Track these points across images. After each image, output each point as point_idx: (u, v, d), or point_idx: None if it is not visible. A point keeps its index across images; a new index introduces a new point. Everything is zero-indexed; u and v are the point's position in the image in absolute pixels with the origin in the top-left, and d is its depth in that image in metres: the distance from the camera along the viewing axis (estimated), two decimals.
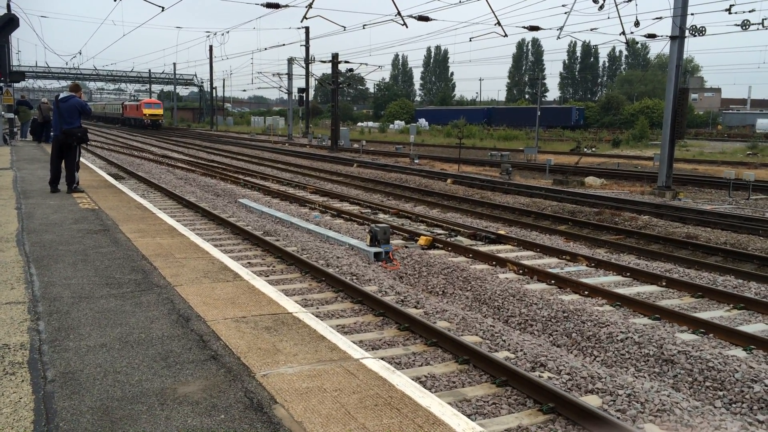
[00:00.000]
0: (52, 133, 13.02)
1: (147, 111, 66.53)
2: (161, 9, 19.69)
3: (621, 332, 6.79)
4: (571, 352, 6.74)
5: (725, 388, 5.69)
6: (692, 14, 18.83)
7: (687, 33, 18.58)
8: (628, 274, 9.55)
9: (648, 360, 6.30)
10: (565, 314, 7.42)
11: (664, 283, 9.04)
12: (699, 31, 18.63)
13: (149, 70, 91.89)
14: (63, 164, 11.71)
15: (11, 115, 28.21)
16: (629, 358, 6.42)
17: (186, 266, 6.44)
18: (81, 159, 12.56)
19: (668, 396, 5.37)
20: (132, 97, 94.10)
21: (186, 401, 3.44)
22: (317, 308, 7.53)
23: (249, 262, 9.49)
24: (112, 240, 7.57)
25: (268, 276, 8.82)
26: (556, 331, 7.22)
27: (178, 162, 27.10)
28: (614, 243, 11.90)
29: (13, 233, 7.76)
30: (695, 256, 11.03)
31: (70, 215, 9.22)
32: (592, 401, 5.27)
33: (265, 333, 4.55)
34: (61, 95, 11.60)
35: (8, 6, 25.71)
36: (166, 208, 14.19)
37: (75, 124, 11.38)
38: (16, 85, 29.52)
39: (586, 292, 8.49)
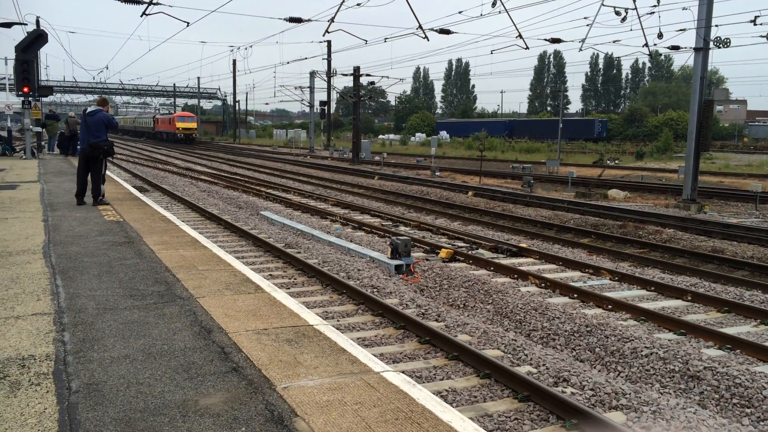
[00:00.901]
0: (78, 146, 13.25)
1: (180, 125, 64.07)
2: (186, 24, 20.00)
3: (645, 347, 6.69)
4: (595, 367, 6.65)
5: (753, 406, 5.57)
6: (716, 26, 18.66)
7: (711, 45, 18.40)
8: (653, 288, 9.42)
9: (673, 376, 6.20)
10: (589, 328, 7.34)
11: (689, 298, 8.90)
12: (723, 43, 18.45)
13: (174, 84, 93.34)
14: (89, 177, 11.89)
15: (39, 129, 28.78)
16: (654, 373, 6.32)
17: (208, 278, 6.49)
18: (107, 172, 12.76)
19: (694, 413, 5.27)
20: (160, 110, 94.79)
21: (207, 413, 3.46)
22: (338, 321, 7.53)
23: (270, 274, 9.54)
24: (136, 252, 7.66)
25: (289, 288, 8.85)
26: (579, 345, 7.14)
27: (201, 175, 27.39)
28: (638, 256, 11.75)
29: (39, 245, 7.89)
30: (721, 271, 10.86)
31: (95, 227, 9.36)
32: (616, 418, 5.19)
33: (286, 345, 4.56)
34: (89, 109, 11.81)
35: (37, 22, 26.32)
36: (189, 220, 14.33)
37: (101, 138, 11.57)
38: (44, 99, 30.16)
39: (610, 306, 8.39)
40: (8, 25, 24.54)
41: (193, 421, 3.38)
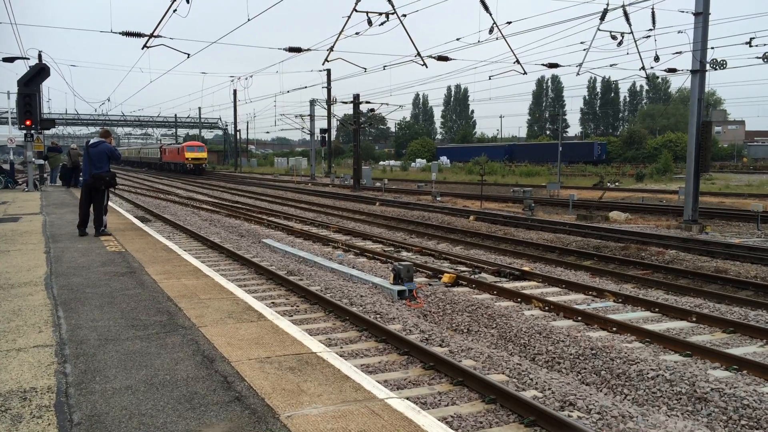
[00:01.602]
0: (81, 178, 13.31)
1: (190, 155, 61.12)
2: (187, 56, 20.23)
3: (652, 369, 6.64)
4: (601, 391, 6.59)
5: (761, 427, 5.50)
6: (712, 48, 18.82)
7: (708, 67, 18.56)
8: (657, 309, 9.38)
9: (680, 398, 6.14)
10: (594, 351, 7.29)
11: (694, 319, 8.85)
12: (720, 65, 18.61)
13: (175, 115, 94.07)
14: (91, 208, 11.93)
15: (42, 162, 28.94)
16: (661, 396, 6.26)
17: (210, 307, 6.47)
18: (109, 202, 12.80)
19: None
20: (163, 140, 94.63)
21: None
22: (341, 348, 7.49)
23: (273, 302, 9.51)
24: (138, 282, 7.65)
25: (292, 316, 8.82)
26: (585, 368, 7.09)
27: (202, 204, 27.46)
28: (641, 278, 11.71)
29: (41, 277, 7.89)
30: (725, 291, 10.81)
31: (97, 258, 9.36)
32: None
33: (290, 373, 4.53)
34: (91, 141, 11.90)
35: (39, 56, 26.65)
36: (191, 249, 14.33)
37: (104, 169, 11.63)
38: (46, 132, 30.38)
39: (615, 329, 8.34)
40: (11, 59, 24.85)
41: None
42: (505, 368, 6.85)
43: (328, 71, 50.74)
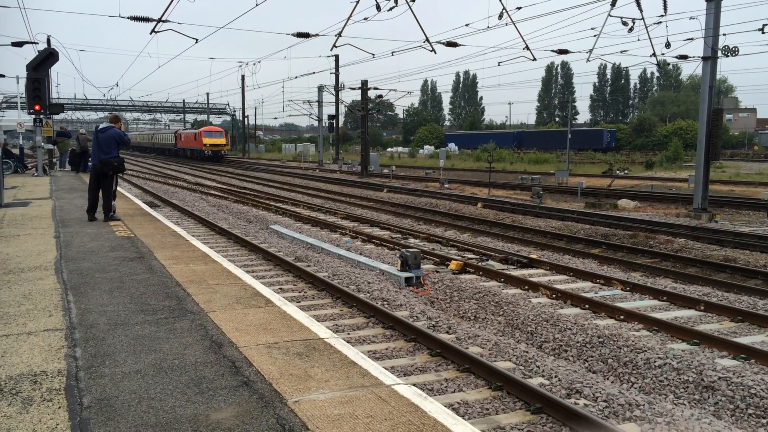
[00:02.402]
0: (90, 163, 13.35)
1: (207, 140, 57.92)
2: (195, 41, 20.17)
3: (659, 358, 6.63)
4: (608, 379, 6.59)
5: None
6: (724, 34, 18.62)
7: (719, 54, 18.36)
8: (665, 298, 9.35)
9: (687, 387, 6.14)
10: (601, 339, 7.28)
11: (702, 308, 8.83)
12: (732, 52, 18.40)
13: (183, 100, 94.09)
14: (100, 193, 11.97)
15: (51, 146, 29.04)
16: (668, 384, 6.26)
17: (219, 292, 6.50)
18: (118, 188, 12.85)
19: (709, 424, 5.21)
20: (169, 126, 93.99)
21: (218, 428, 3.46)
22: (348, 334, 7.51)
23: (281, 288, 9.55)
24: (147, 267, 7.69)
25: (299, 302, 8.85)
26: (592, 356, 7.09)
27: (211, 189, 27.52)
28: (650, 266, 11.68)
29: (51, 261, 7.94)
30: (734, 280, 10.76)
31: (106, 243, 9.41)
32: (630, 429, 5.13)
33: (297, 359, 4.56)
34: (101, 126, 11.92)
35: (48, 41, 26.64)
36: (199, 235, 14.39)
37: (112, 154, 11.65)
38: (55, 116, 30.44)
39: (622, 317, 8.33)
40: (20, 44, 24.85)
41: None
42: (511, 356, 6.86)
43: (336, 57, 50.54)
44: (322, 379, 4.18)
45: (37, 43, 25.61)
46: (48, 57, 22.52)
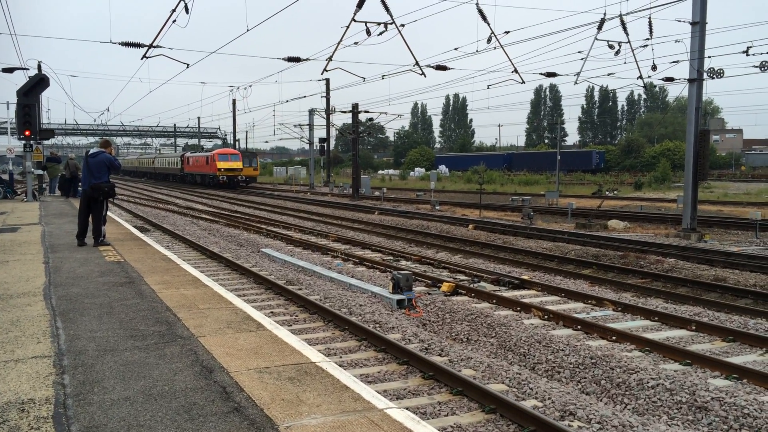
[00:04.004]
0: (80, 188, 13.31)
1: (223, 165, 50.44)
2: (186, 66, 20.29)
3: (652, 378, 6.62)
4: (601, 400, 6.57)
5: None
6: (709, 57, 18.90)
7: (705, 75, 18.62)
8: (657, 318, 9.37)
9: (681, 407, 6.12)
10: (593, 361, 7.27)
11: (693, 327, 8.84)
12: (717, 74, 18.67)
13: (174, 125, 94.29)
14: (90, 218, 11.92)
15: (41, 172, 28.95)
16: (661, 405, 6.24)
17: (209, 317, 6.46)
18: (108, 213, 12.79)
19: None
20: (160, 150, 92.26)
21: None
22: (340, 357, 7.47)
23: (272, 312, 9.49)
24: (137, 292, 7.64)
25: (291, 325, 8.80)
26: (585, 378, 7.07)
27: (201, 213, 27.45)
28: (641, 287, 11.71)
29: (40, 287, 7.87)
30: (725, 299, 10.80)
31: (96, 268, 9.35)
32: None
33: (288, 383, 4.52)
34: (91, 151, 11.90)
35: (39, 67, 26.69)
36: (190, 259, 14.31)
37: (103, 179, 11.62)
38: (45, 142, 30.41)
39: (614, 338, 8.33)
40: (10, 70, 24.91)
41: None
42: (504, 378, 6.83)
43: (327, 81, 50.90)
44: (314, 403, 4.15)
45: (28, 69, 25.71)
46: (39, 83, 22.57)
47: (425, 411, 5.92)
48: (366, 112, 43.19)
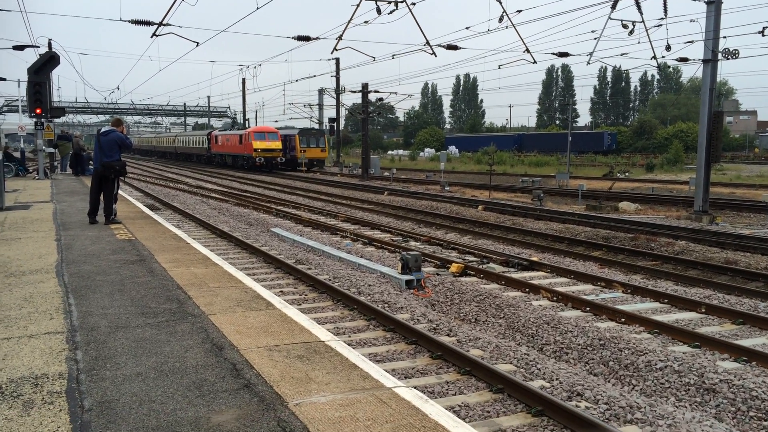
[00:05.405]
0: (90, 166, 13.37)
1: (259, 144, 44.77)
2: (196, 44, 20.22)
3: (660, 360, 6.63)
4: (609, 381, 6.59)
5: None
6: (724, 37, 18.63)
7: (720, 56, 18.38)
8: (666, 300, 9.35)
9: (689, 389, 6.13)
10: (602, 342, 7.28)
11: (703, 310, 8.82)
12: (732, 54, 18.42)
13: (184, 104, 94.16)
14: (101, 196, 11.98)
15: (52, 150, 29.08)
16: (669, 387, 6.25)
17: (219, 295, 6.51)
18: (119, 191, 12.86)
19: (711, 427, 5.21)
20: (167, 129, 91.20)
21: (219, 430, 3.46)
22: (349, 336, 7.51)
23: (281, 291, 9.55)
24: (148, 270, 7.70)
25: (300, 304, 8.86)
26: (593, 359, 7.08)
27: (211, 192, 27.54)
28: (651, 269, 11.67)
29: (52, 264, 7.95)
30: (735, 282, 10.76)
31: (107, 246, 9.42)
32: None
33: (298, 362, 4.56)
34: (103, 129, 11.92)
35: (49, 44, 26.70)
36: (200, 238, 14.39)
37: (114, 158, 11.66)
38: (56, 120, 30.48)
39: (623, 320, 8.32)
40: (21, 47, 24.91)
41: None
42: (512, 358, 6.86)
43: (337, 60, 50.64)
44: (323, 381, 4.18)
45: (39, 47, 25.69)
46: (49, 60, 22.56)
47: (433, 390, 5.96)
48: (376, 92, 42.97)
